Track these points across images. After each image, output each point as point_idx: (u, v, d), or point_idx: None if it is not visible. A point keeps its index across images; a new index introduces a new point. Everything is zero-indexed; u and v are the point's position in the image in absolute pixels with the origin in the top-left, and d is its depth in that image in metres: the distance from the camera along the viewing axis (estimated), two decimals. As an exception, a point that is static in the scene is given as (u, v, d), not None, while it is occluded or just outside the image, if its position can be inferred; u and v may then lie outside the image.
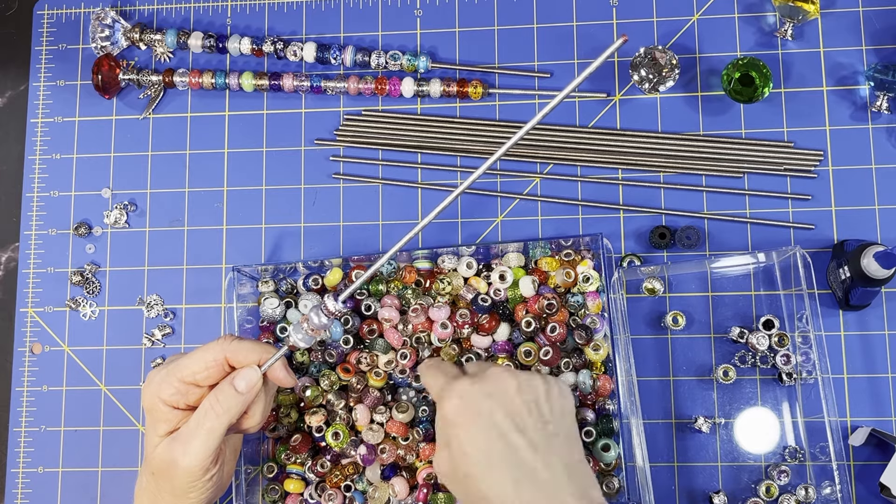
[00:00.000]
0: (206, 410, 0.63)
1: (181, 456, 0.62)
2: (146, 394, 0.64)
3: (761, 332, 0.73)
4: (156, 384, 0.64)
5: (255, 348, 0.64)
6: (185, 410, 0.64)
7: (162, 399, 0.63)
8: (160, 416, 0.64)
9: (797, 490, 0.72)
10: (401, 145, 0.81)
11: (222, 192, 0.82)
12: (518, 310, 0.74)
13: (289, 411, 0.75)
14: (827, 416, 0.70)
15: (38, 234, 0.83)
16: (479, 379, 0.62)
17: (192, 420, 0.63)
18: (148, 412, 0.65)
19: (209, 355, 0.64)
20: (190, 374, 0.63)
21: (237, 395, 0.63)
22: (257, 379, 0.64)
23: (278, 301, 0.76)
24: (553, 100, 0.58)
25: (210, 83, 0.82)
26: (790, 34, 0.78)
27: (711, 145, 0.78)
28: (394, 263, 0.76)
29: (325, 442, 0.74)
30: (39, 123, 0.85)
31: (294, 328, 0.65)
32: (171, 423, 0.64)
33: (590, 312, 0.74)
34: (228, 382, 0.63)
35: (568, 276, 0.74)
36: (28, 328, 0.82)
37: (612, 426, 0.72)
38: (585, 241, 0.75)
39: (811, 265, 0.71)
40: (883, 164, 0.77)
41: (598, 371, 0.74)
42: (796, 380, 0.73)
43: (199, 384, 0.64)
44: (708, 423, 0.74)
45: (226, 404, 0.63)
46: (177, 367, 0.64)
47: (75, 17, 0.86)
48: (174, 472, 0.63)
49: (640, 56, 0.76)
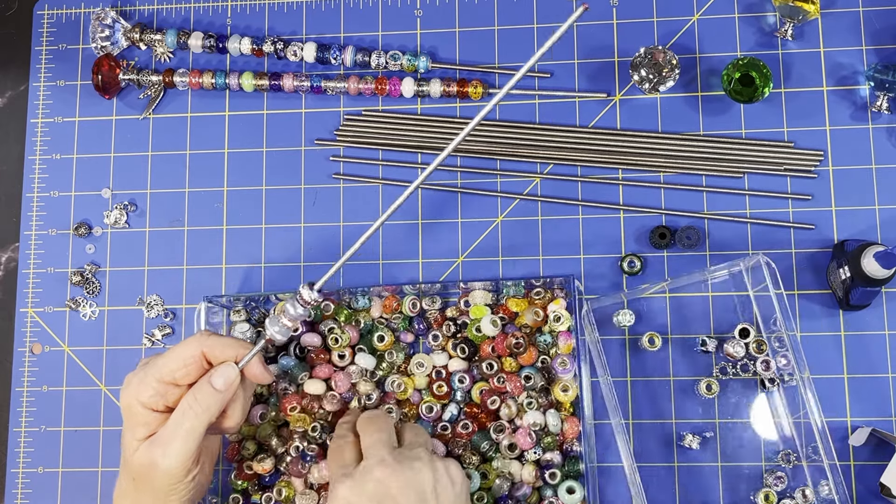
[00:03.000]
0: (184, 410, 0.62)
1: (161, 458, 0.61)
2: (124, 396, 0.63)
3: (736, 340, 0.73)
4: (134, 386, 0.62)
5: (231, 343, 0.64)
6: (164, 413, 0.63)
7: (140, 401, 0.62)
8: (139, 420, 0.62)
9: (795, 493, 0.72)
10: (401, 145, 0.81)
11: (222, 192, 0.82)
12: (483, 346, 0.74)
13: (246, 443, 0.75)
14: (812, 414, 0.69)
15: (38, 234, 0.83)
16: (360, 482, 0.62)
17: (171, 421, 0.62)
18: (126, 416, 0.63)
19: (186, 352, 0.63)
20: (168, 372, 0.62)
21: (216, 393, 0.62)
22: (235, 376, 0.63)
23: (248, 326, 0.76)
24: (511, 79, 0.58)
25: (210, 83, 0.82)
26: (790, 34, 0.78)
27: (711, 145, 0.78)
28: (368, 297, 0.76)
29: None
30: (39, 123, 0.85)
31: (270, 321, 0.64)
32: (149, 427, 0.63)
33: (560, 353, 0.74)
34: (206, 381, 0.62)
35: (537, 315, 0.73)
36: (28, 328, 0.82)
37: (578, 468, 0.72)
38: (558, 280, 0.74)
39: (776, 271, 0.70)
40: (883, 164, 0.77)
41: (566, 412, 0.73)
42: (778, 384, 0.73)
43: (178, 383, 0.63)
44: (697, 439, 0.73)
45: (204, 403, 0.62)
46: (154, 366, 0.63)
47: (75, 17, 0.86)
48: (154, 475, 0.62)
49: (640, 56, 0.76)
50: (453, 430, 0.73)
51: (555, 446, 0.73)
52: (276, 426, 0.75)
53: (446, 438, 0.73)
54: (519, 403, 0.73)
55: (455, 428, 0.73)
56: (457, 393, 0.74)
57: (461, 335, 0.75)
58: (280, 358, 0.75)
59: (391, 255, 0.79)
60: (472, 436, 0.73)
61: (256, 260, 0.81)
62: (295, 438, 0.73)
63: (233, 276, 0.81)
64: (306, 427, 0.73)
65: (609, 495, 0.74)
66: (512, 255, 0.78)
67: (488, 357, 0.74)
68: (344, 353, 0.74)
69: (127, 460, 0.63)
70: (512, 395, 0.73)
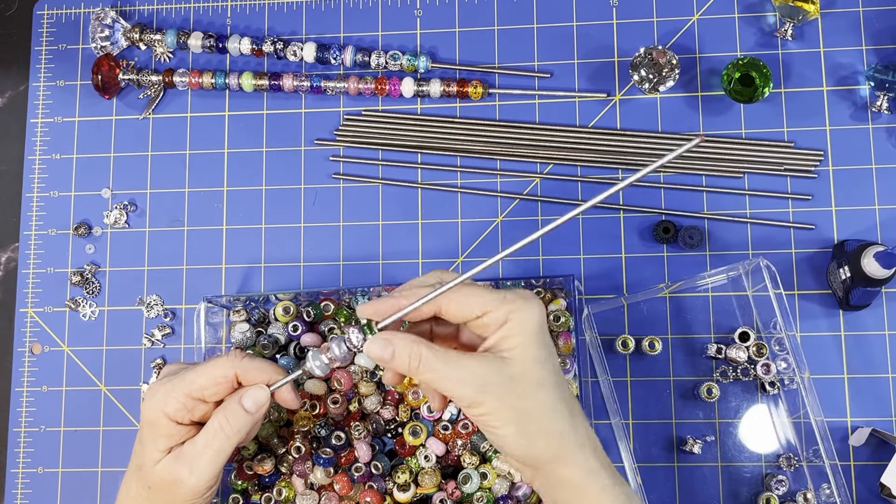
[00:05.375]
0: (215, 430, 0.61)
1: (187, 475, 0.61)
2: (149, 407, 0.62)
3: (737, 344, 0.73)
4: (160, 397, 0.61)
5: (265, 367, 0.63)
6: (188, 426, 0.62)
7: (166, 413, 0.61)
8: (162, 431, 0.62)
9: (797, 497, 0.72)
10: (401, 145, 0.81)
11: (222, 192, 0.82)
12: None
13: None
14: (812, 415, 0.69)
15: (37, 234, 0.83)
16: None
17: (200, 439, 0.61)
18: (149, 426, 0.62)
19: (218, 371, 0.62)
20: (198, 388, 0.61)
21: (246, 416, 0.61)
22: (266, 399, 0.62)
23: (248, 326, 0.76)
24: (644, 168, 0.55)
25: (210, 83, 0.82)
26: (790, 34, 0.78)
27: (711, 145, 0.78)
28: (368, 297, 0.76)
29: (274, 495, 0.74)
30: (39, 123, 0.85)
31: (313, 354, 0.62)
32: (172, 439, 0.62)
33: (561, 353, 0.73)
34: (237, 402, 0.61)
35: None
36: (28, 328, 0.82)
37: None
38: (558, 280, 0.74)
39: (776, 273, 0.70)
40: (883, 164, 0.77)
41: None
42: (779, 388, 0.73)
43: (206, 400, 0.62)
44: (699, 443, 0.73)
45: (236, 425, 0.61)
46: (183, 381, 0.62)
47: (75, 17, 0.86)
48: (177, 491, 0.61)
49: (640, 56, 0.76)
50: (453, 430, 0.73)
51: None
52: (278, 426, 0.75)
53: (446, 438, 0.73)
54: None
55: (455, 428, 0.73)
56: None
57: None
58: (280, 358, 0.75)
59: (391, 255, 0.79)
60: (471, 436, 0.73)
61: (256, 260, 0.81)
62: (296, 439, 0.73)
63: (233, 276, 0.81)
64: (310, 426, 0.73)
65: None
66: (512, 254, 0.78)
67: None
68: None
69: (145, 469, 0.63)
70: None
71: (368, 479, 0.73)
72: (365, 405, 0.74)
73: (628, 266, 0.77)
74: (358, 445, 0.73)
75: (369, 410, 0.74)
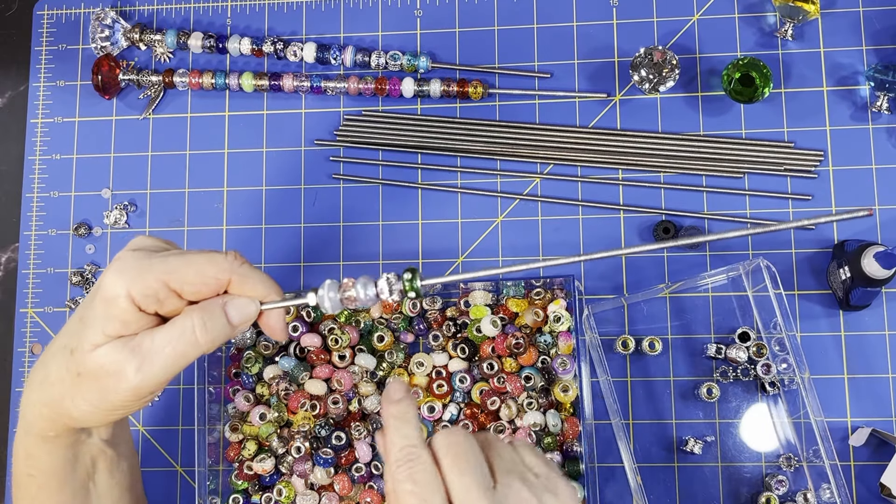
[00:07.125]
0: (182, 331, 0.51)
1: (133, 372, 0.51)
2: (111, 281, 0.51)
3: (738, 345, 0.73)
4: (130, 274, 0.51)
5: (265, 282, 0.54)
6: (149, 316, 0.52)
7: (131, 294, 0.51)
8: (117, 313, 0.51)
9: (797, 497, 0.72)
10: (401, 145, 0.81)
11: (222, 193, 0.82)
12: (484, 346, 0.74)
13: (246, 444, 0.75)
14: (812, 415, 0.69)
15: (37, 234, 0.83)
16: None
17: (161, 335, 0.51)
18: (103, 302, 0.51)
19: (211, 270, 0.52)
20: (179, 280, 0.51)
21: (227, 326, 0.52)
22: (254, 316, 0.53)
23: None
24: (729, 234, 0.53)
25: (210, 83, 0.82)
26: (790, 34, 0.78)
27: (711, 145, 0.78)
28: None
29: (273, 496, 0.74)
30: (39, 124, 0.85)
31: (330, 285, 0.54)
32: (126, 327, 0.51)
33: (561, 353, 0.74)
34: (220, 308, 0.52)
35: (537, 316, 0.73)
36: (28, 328, 0.82)
37: (578, 468, 0.72)
38: (558, 281, 0.74)
39: (776, 273, 0.70)
40: (883, 164, 0.77)
41: (566, 412, 0.73)
42: (779, 388, 0.73)
43: (182, 295, 0.52)
44: (699, 443, 0.73)
45: (212, 333, 0.52)
46: (164, 264, 0.51)
47: (75, 17, 0.86)
48: (113, 385, 0.52)
49: (640, 56, 0.76)
50: (453, 431, 0.73)
51: (555, 446, 0.72)
52: (278, 426, 0.75)
53: (446, 438, 0.73)
54: (519, 404, 0.73)
55: (455, 428, 0.73)
56: (457, 393, 0.74)
57: (461, 335, 0.75)
58: (280, 358, 0.75)
59: (391, 255, 0.79)
60: (471, 436, 0.73)
61: (256, 260, 0.81)
62: (296, 439, 0.73)
63: (233, 277, 0.80)
64: (310, 426, 0.73)
65: (609, 495, 0.74)
66: (512, 255, 0.78)
67: (488, 357, 0.74)
68: (344, 353, 0.74)
69: (79, 352, 0.52)
70: (512, 395, 0.73)
71: (368, 479, 0.73)
72: (365, 405, 0.74)
73: (628, 266, 0.77)
74: (358, 446, 0.73)
75: (369, 410, 0.74)
